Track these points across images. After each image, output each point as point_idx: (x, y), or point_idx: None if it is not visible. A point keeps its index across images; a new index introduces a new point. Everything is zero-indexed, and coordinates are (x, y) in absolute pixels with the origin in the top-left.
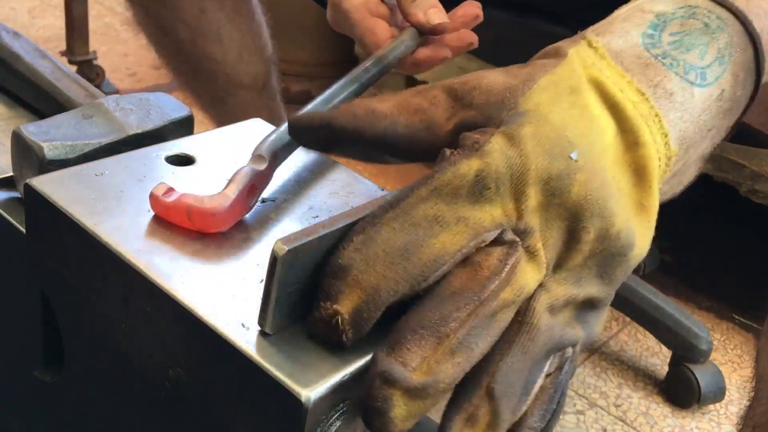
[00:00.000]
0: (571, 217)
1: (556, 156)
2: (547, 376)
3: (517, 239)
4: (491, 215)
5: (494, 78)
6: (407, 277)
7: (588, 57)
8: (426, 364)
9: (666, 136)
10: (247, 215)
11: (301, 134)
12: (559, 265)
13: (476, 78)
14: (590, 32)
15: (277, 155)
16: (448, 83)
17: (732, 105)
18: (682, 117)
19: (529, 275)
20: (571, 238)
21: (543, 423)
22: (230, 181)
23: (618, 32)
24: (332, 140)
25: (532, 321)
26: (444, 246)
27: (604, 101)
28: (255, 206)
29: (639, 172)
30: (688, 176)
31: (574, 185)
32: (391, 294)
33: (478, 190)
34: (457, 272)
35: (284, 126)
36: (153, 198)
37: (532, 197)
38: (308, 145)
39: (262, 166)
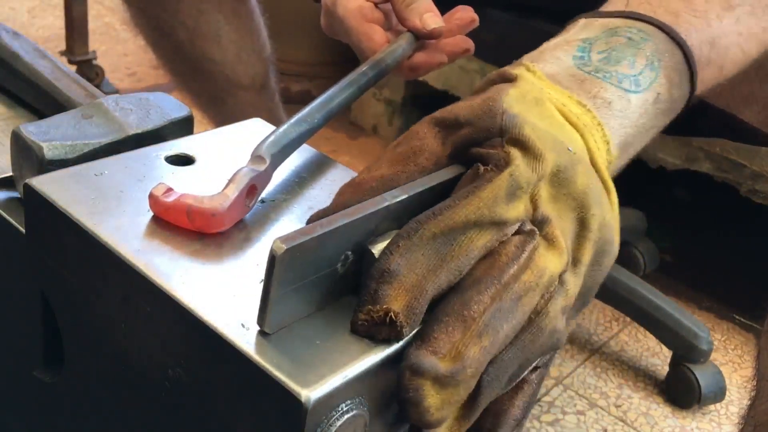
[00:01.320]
0: (579, 207)
1: (559, 151)
2: (534, 370)
3: (535, 229)
4: (516, 212)
5: (466, 100)
6: (446, 274)
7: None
8: (455, 349)
9: (608, 143)
10: (247, 215)
11: None
12: (576, 258)
13: (451, 105)
14: (525, 59)
15: (277, 155)
16: (425, 118)
17: (669, 105)
18: (622, 123)
19: (549, 260)
20: (582, 226)
21: (525, 414)
22: (230, 182)
23: (550, 59)
24: None
25: (542, 324)
26: (475, 243)
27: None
28: (255, 206)
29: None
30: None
31: (578, 176)
32: (435, 288)
33: (512, 191)
34: (478, 264)
35: (283, 126)
36: (152, 198)
37: (544, 189)
38: None
39: (262, 167)
